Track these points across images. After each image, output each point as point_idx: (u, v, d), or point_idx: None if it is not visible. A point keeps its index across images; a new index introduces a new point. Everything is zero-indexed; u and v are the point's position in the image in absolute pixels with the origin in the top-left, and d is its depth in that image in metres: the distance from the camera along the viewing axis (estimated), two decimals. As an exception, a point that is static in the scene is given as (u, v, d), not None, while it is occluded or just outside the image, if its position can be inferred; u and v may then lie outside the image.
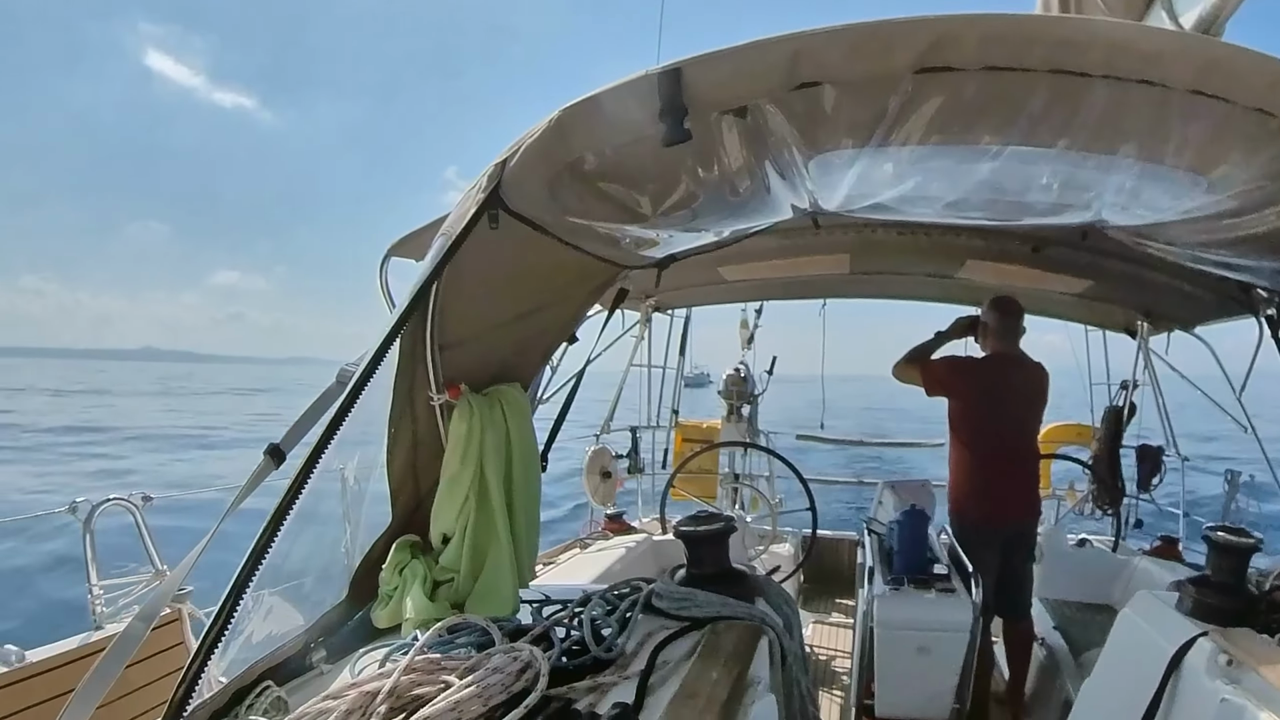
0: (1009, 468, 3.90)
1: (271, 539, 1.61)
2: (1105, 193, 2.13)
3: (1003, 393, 3.94)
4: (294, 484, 1.63)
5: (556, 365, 3.36)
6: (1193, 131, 1.60)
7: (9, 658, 3.33)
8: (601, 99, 1.73)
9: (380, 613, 2.28)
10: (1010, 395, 3.94)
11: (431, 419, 2.51)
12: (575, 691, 1.64)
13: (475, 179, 1.96)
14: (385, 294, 2.86)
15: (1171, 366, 5.29)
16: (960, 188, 2.18)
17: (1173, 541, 5.15)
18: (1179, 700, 2.06)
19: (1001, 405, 3.93)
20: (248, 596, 1.61)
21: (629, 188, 2.02)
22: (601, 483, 5.79)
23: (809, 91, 1.57)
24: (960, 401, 4.02)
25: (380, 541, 2.48)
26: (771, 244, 3.95)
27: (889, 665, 3.19)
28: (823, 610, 5.98)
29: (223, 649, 1.62)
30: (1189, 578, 2.38)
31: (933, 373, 4.06)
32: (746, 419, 5.92)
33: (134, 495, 3.96)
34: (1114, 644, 2.55)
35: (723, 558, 2.33)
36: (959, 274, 4.56)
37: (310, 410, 1.94)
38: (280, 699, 1.76)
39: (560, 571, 4.42)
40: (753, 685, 1.80)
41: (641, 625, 2.02)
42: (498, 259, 2.31)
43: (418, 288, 1.88)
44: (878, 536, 3.96)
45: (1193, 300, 4.22)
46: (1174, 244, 2.61)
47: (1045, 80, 1.50)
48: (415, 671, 1.57)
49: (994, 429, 3.93)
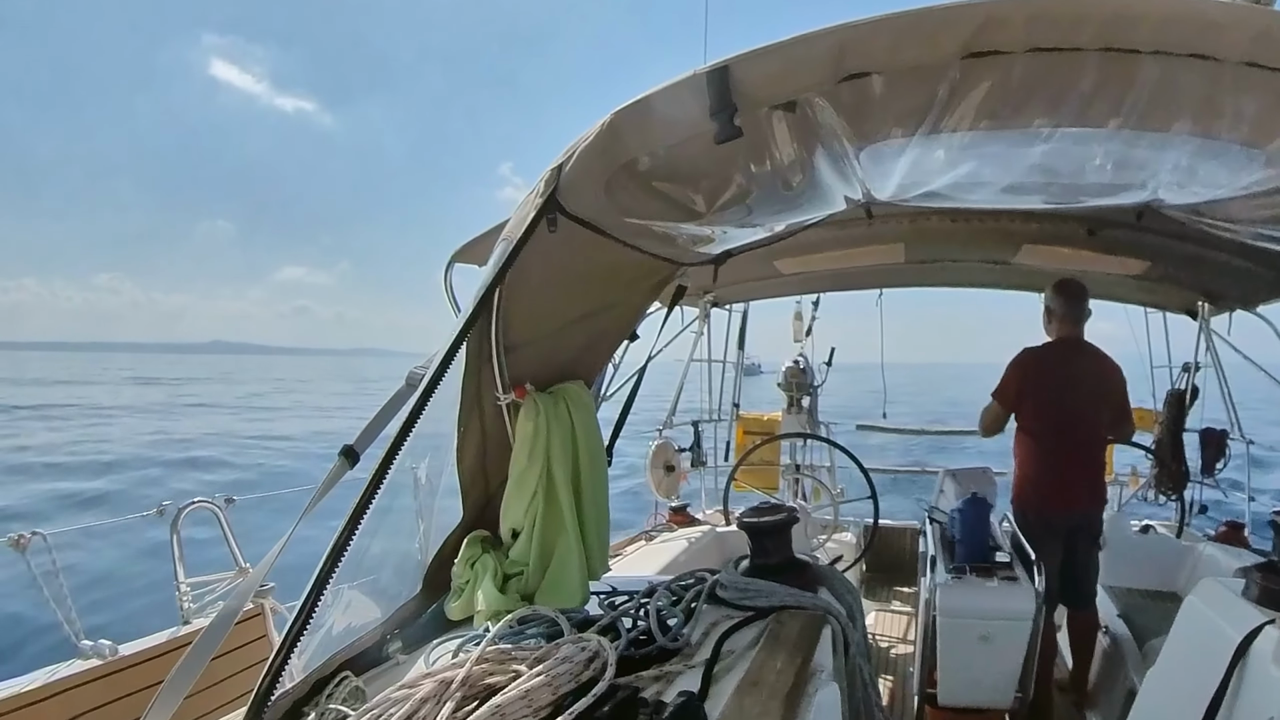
0: (1071, 455, 3.82)
1: (350, 536, 1.66)
2: (1160, 171, 2.09)
3: (1064, 379, 3.86)
4: (371, 482, 1.68)
5: (619, 363, 3.39)
6: (1248, 104, 1.56)
7: (102, 651, 3.49)
8: (652, 100, 1.76)
9: (453, 605, 2.33)
10: (1073, 382, 3.85)
11: (499, 418, 2.55)
12: (642, 680, 1.65)
13: (533, 184, 2.00)
14: (451, 299, 2.93)
15: (1234, 348, 5.14)
16: (1013, 172, 2.16)
17: (1238, 527, 5.03)
18: (1245, 688, 2.00)
19: (1063, 391, 3.85)
20: (328, 591, 1.67)
21: (683, 186, 2.04)
22: (665, 476, 5.84)
23: (857, 83, 1.58)
24: (1028, 385, 3.93)
25: (452, 537, 2.54)
26: (826, 236, 3.93)
27: (951, 654, 3.17)
28: (885, 599, 5.95)
29: (304, 642, 1.68)
30: (1255, 564, 2.31)
31: (1004, 393, 3.98)
32: (806, 410, 5.92)
33: (217, 497, 4.13)
34: (1179, 632, 2.49)
35: (785, 548, 2.34)
36: (1015, 259, 4.50)
37: (382, 412, 2.00)
38: (358, 688, 1.81)
39: (627, 563, 4.46)
40: (816, 674, 1.79)
41: (706, 615, 2.04)
42: (558, 261, 2.34)
43: (481, 293, 1.93)
44: (939, 525, 3.93)
45: (1254, 278, 4.13)
46: (1233, 221, 2.54)
47: (1095, 59, 1.47)
48: (487, 661, 1.61)
49: (1055, 415, 3.85)
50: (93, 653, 3.48)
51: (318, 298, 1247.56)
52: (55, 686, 3.31)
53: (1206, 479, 5.39)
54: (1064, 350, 3.93)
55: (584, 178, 1.93)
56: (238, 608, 1.84)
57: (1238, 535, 4.94)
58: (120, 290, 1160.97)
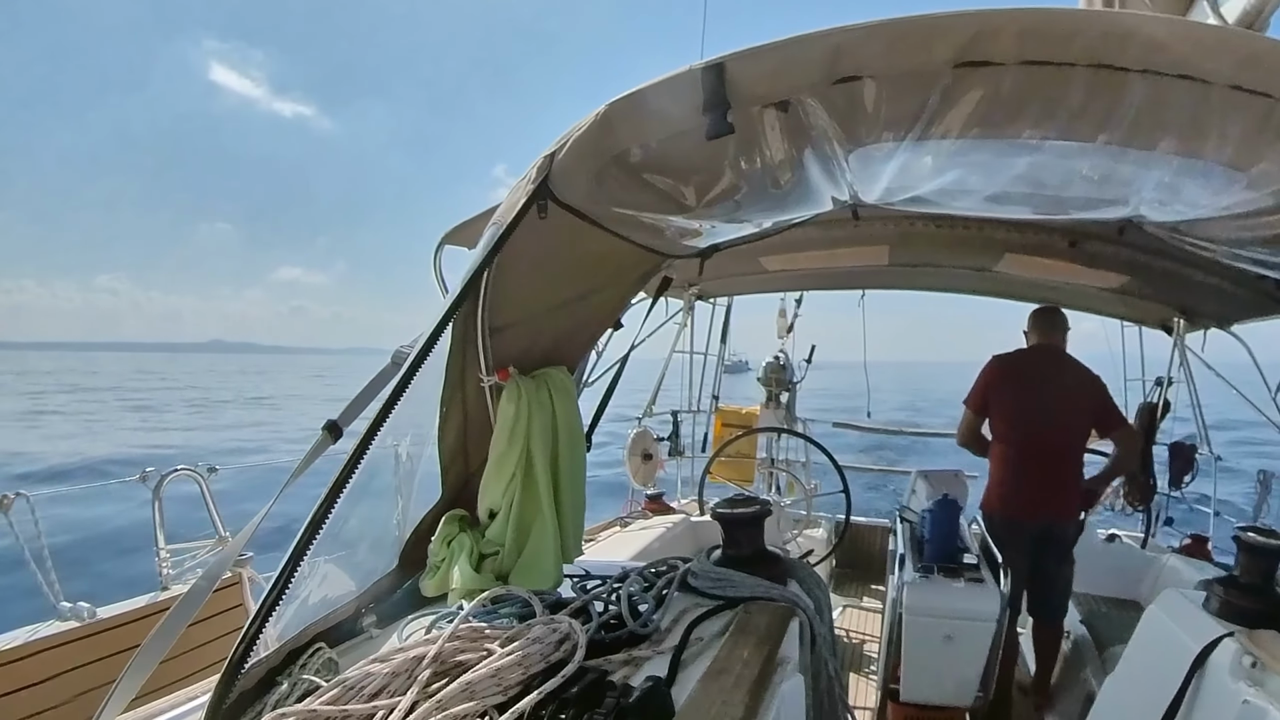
0: (1039, 462, 3.81)
1: (329, 509, 1.67)
2: (1144, 188, 2.11)
3: (1036, 386, 3.85)
4: (351, 458, 1.69)
5: (602, 350, 3.40)
6: (1233, 127, 1.58)
7: (81, 614, 3.50)
8: (647, 93, 1.78)
9: (428, 582, 2.35)
10: (1045, 389, 3.84)
11: (481, 399, 2.57)
12: (611, 664, 1.67)
13: (525, 171, 2.01)
14: (439, 280, 2.94)
15: (1207, 365, 5.20)
16: (999, 181, 2.18)
17: (1202, 540, 5.10)
18: (1201, 700, 2.04)
19: (1033, 398, 3.84)
20: (305, 563, 1.68)
21: (673, 179, 2.06)
22: (643, 464, 5.87)
23: (849, 86, 1.60)
24: (995, 393, 3.95)
25: (430, 515, 2.56)
26: (812, 235, 3.95)
27: (915, 651, 3.21)
28: (854, 595, 6.01)
29: (279, 612, 1.69)
30: (1217, 577, 2.34)
31: (974, 398, 4.00)
32: (785, 405, 5.96)
33: (200, 466, 4.13)
34: (1139, 640, 2.53)
35: (758, 540, 2.35)
36: (997, 267, 4.52)
37: (366, 389, 2.01)
38: (331, 660, 1.83)
39: (601, 548, 4.49)
40: (782, 665, 1.81)
41: (677, 603, 2.06)
42: (546, 247, 2.36)
43: (470, 275, 1.94)
44: (910, 524, 3.97)
45: (1230, 298, 4.16)
46: (1212, 240, 2.57)
47: (1084, 75, 1.49)
48: (459, 639, 1.63)
49: (1024, 422, 3.84)
50: (71, 615, 3.50)
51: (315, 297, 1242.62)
52: (34, 646, 3.32)
53: (1174, 491, 5.47)
54: (1037, 357, 3.94)
55: (576, 166, 1.94)
56: (216, 575, 1.86)
57: (1202, 548, 5.00)
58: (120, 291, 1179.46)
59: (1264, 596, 2.20)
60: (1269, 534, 2.28)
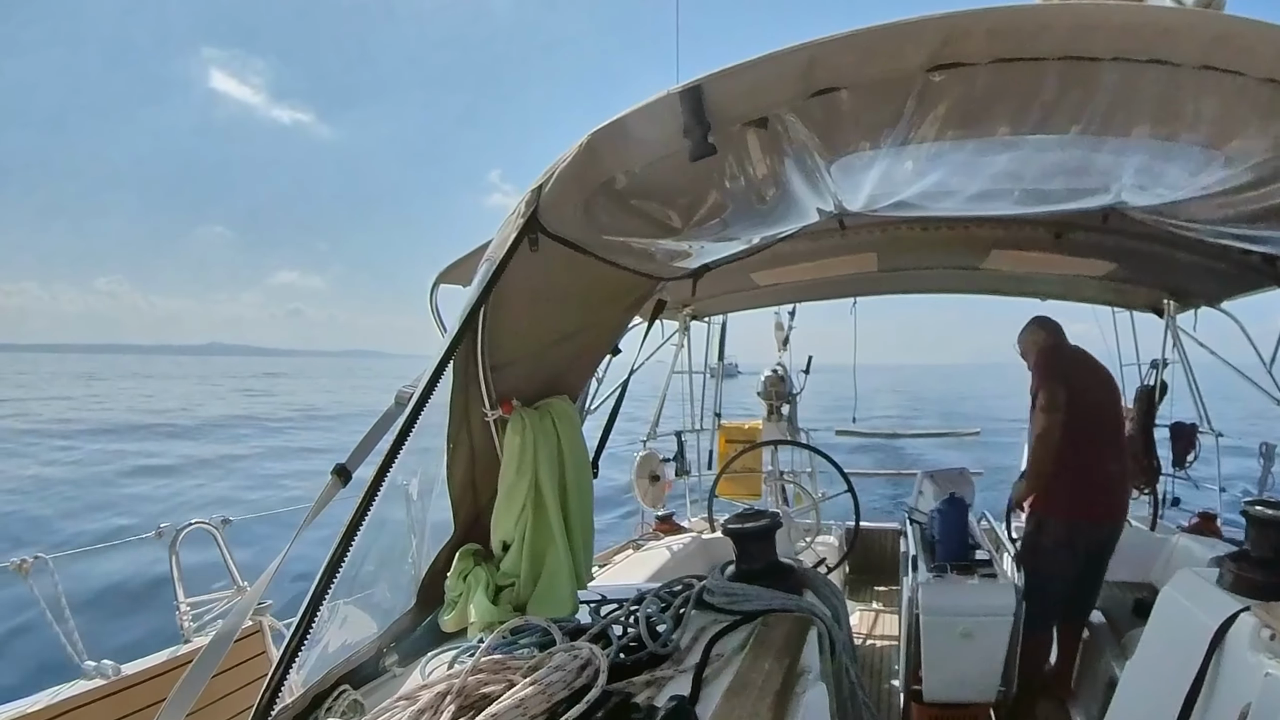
0: (1106, 465, 3.66)
1: (345, 553, 1.68)
2: (1123, 174, 2.12)
3: (1091, 386, 3.75)
4: (363, 500, 1.71)
5: (602, 377, 3.42)
6: (1206, 107, 1.60)
7: (106, 671, 3.50)
8: (628, 120, 1.80)
9: (447, 618, 2.35)
10: (1098, 389, 3.76)
11: (487, 434, 2.58)
12: (634, 686, 1.68)
13: (514, 205, 2.04)
14: (436, 319, 2.96)
15: (1200, 343, 5.21)
16: (980, 180, 2.19)
17: (1211, 518, 5.10)
18: (1223, 676, 2.02)
19: (1092, 396, 3.71)
20: (324, 607, 1.69)
21: (660, 203, 2.08)
22: (650, 486, 5.88)
23: (826, 97, 1.61)
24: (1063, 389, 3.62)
25: (444, 551, 2.57)
26: (800, 248, 3.98)
27: (935, 651, 3.22)
28: (869, 600, 6.01)
29: (302, 657, 1.69)
30: (1229, 553, 2.34)
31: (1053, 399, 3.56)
32: (786, 418, 5.97)
33: (214, 519, 4.14)
34: (1156, 623, 2.52)
35: (770, 552, 2.37)
36: (984, 264, 4.55)
37: (372, 431, 2.02)
38: (356, 702, 1.83)
39: (615, 572, 4.47)
40: (804, 675, 1.82)
41: (695, 621, 2.07)
42: (540, 280, 2.37)
43: (466, 312, 1.96)
44: (919, 525, 3.98)
45: (1217, 276, 4.18)
46: (1195, 220, 2.58)
47: (1055, 68, 1.51)
48: (482, 671, 1.63)
49: (1091, 421, 3.65)
50: (95, 673, 3.49)
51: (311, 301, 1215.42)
52: (59, 707, 3.31)
53: (1178, 472, 5.48)
54: (1081, 356, 3.87)
55: (563, 197, 1.97)
56: (236, 625, 1.86)
57: (1211, 526, 5.01)
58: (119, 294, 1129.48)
59: (1277, 568, 2.19)
60: (1277, 506, 2.27)
